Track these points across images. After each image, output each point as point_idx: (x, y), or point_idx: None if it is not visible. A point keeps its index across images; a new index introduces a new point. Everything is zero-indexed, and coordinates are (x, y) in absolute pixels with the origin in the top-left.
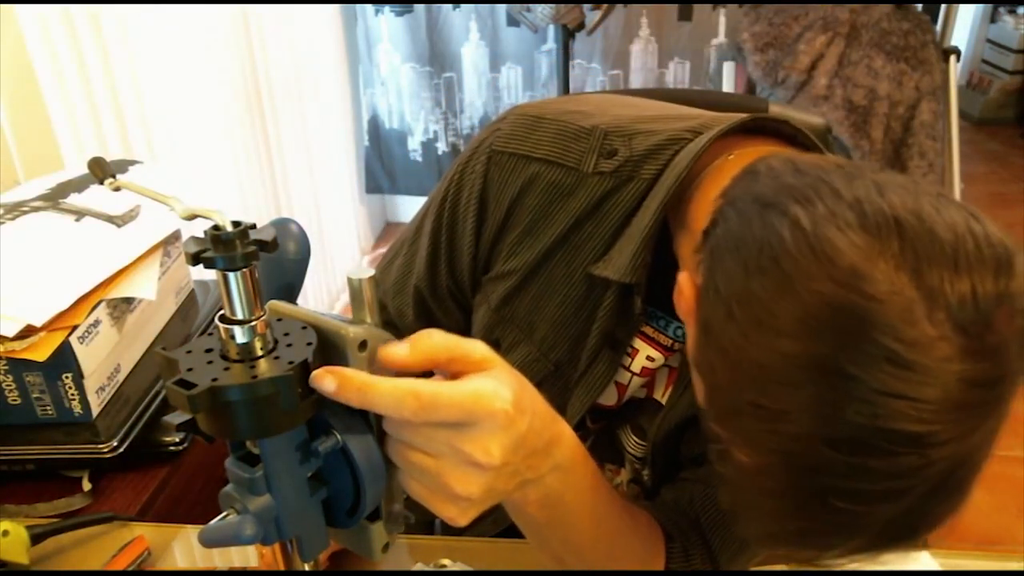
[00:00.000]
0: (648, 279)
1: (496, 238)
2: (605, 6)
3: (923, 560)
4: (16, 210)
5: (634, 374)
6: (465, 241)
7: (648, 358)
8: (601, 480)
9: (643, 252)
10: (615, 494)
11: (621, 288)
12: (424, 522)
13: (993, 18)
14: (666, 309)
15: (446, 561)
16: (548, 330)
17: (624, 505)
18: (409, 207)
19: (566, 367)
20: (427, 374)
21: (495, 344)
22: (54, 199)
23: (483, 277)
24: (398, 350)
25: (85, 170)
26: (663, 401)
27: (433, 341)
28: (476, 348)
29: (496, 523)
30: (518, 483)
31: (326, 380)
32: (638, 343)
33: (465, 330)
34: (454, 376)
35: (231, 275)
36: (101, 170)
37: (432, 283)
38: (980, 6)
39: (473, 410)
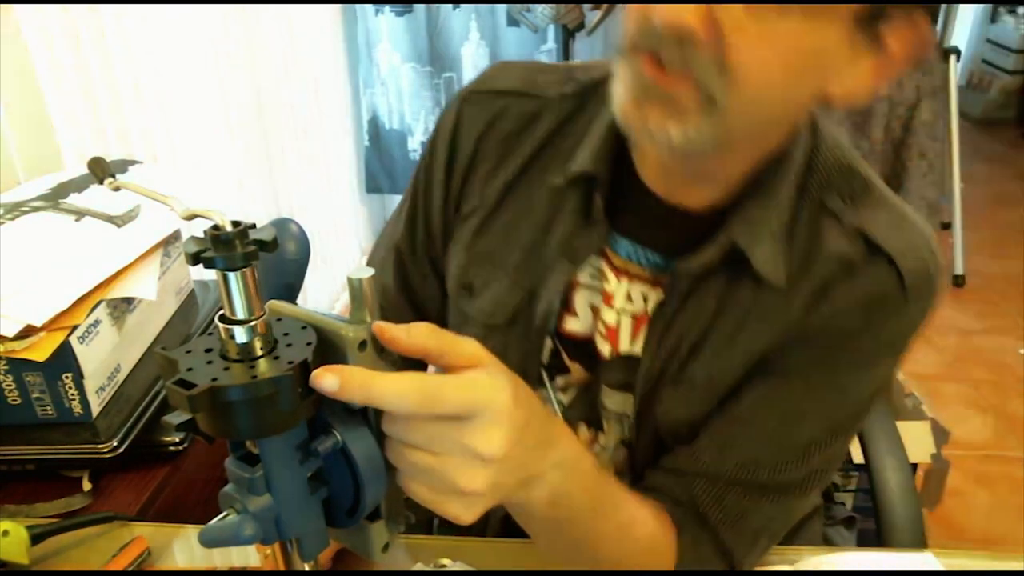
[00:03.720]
0: (612, 204)
1: (466, 176)
2: (605, 6)
3: (924, 560)
4: (16, 210)
5: (616, 311)
6: (436, 183)
7: (627, 295)
8: (605, 476)
9: (605, 144)
10: (620, 488)
11: (582, 192)
12: (424, 522)
13: (993, 18)
14: (635, 237)
15: (446, 561)
16: (520, 257)
17: (630, 498)
18: None
19: (539, 293)
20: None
21: (469, 288)
22: (54, 199)
23: (455, 219)
24: (396, 329)
25: (85, 170)
26: (639, 354)
27: (428, 331)
28: (467, 344)
29: (496, 525)
30: (521, 480)
31: (327, 379)
32: (611, 277)
33: (442, 302)
34: (446, 370)
35: (231, 275)
36: (101, 170)
37: (411, 240)
38: (980, 6)
39: (475, 400)
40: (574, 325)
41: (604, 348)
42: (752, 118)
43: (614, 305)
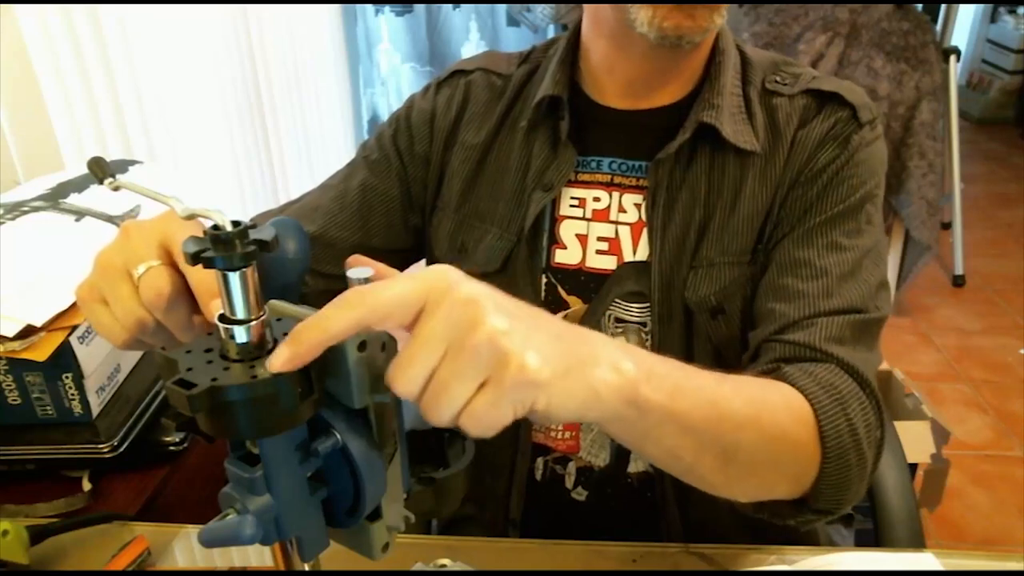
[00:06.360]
0: (582, 131)
1: (447, 144)
2: None
3: (924, 560)
4: (16, 210)
5: (613, 223)
6: (418, 161)
7: (595, 199)
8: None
9: (561, 71)
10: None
11: (550, 125)
12: (424, 522)
13: (993, 18)
14: (614, 153)
15: (446, 561)
16: (504, 206)
17: (716, 372)
18: None
19: (529, 235)
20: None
21: (462, 249)
22: (54, 199)
23: (437, 200)
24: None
25: (85, 170)
26: (647, 259)
27: (355, 300)
28: (404, 290)
29: (493, 524)
30: (572, 352)
31: (279, 355)
32: (600, 194)
33: None
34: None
35: (230, 275)
36: (101, 170)
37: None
38: (980, 6)
39: (423, 277)
40: (564, 257)
41: (608, 262)
42: None
43: (609, 218)
